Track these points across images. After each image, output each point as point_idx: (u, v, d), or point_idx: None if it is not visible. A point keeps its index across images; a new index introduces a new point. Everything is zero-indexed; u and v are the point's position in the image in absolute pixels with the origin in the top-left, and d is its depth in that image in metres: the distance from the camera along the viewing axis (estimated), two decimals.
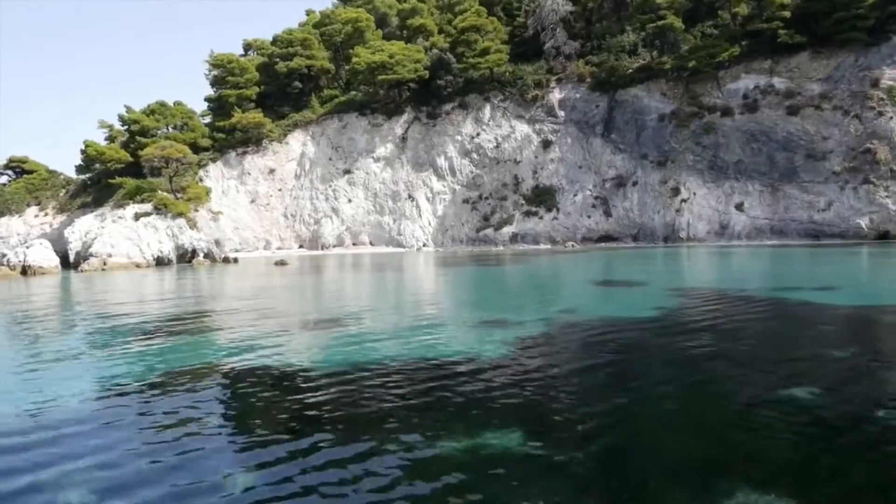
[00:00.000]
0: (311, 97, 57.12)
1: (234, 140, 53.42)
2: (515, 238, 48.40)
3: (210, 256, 41.58)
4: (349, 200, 52.38)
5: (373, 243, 51.53)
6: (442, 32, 55.72)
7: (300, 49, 55.77)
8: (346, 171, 53.05)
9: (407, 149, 52.73)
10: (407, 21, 57.07)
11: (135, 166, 51.08)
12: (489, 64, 50.30)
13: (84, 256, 40.09)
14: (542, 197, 48.84)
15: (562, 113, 50.31)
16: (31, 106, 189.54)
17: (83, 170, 55.41)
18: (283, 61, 55.79)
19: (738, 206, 43.50)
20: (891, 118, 40.17)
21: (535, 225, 48.40)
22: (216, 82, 56.94)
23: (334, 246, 51.41)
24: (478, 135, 51.60)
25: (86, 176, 58.25)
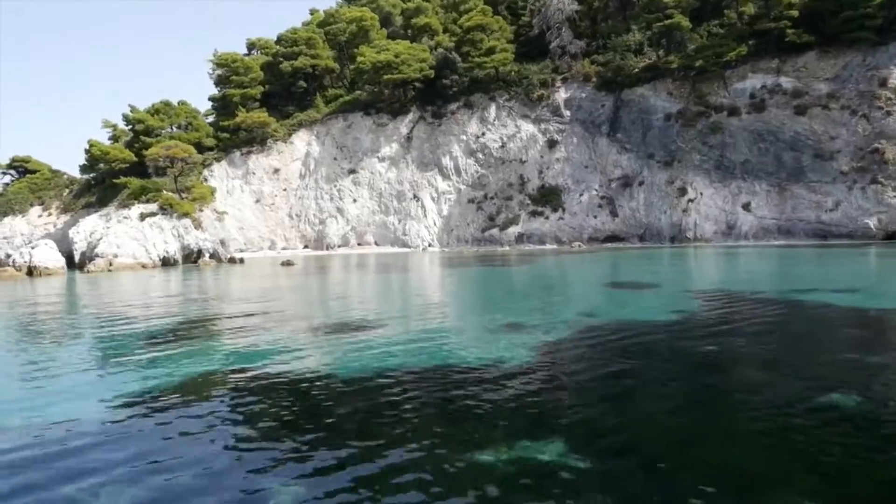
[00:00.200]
0: (315, 97, 56.99)
1: (238, 140, 53.30)
2: (521, 238, 48.24)
3: (216, 257, 41.47)
4: (354, 200, 52.25)
5: (378, 243, 51.39)
6: (447, 32, 55.55)
7: (305, 48, 55.63)
8: (351, 171, 52.91)
9: (412, 148, 52.58)
10: (412, 20, 56.90)
11: (139, 166, 50.99)
12: (494, 63, 50.12)
13: (89, 257, 39.98)
14: (548, 197, 48.67)
15: (567, 112, 50.12)
16: (33, 106, 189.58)
17: (87, 169, 55.31)
18: (287, 60, 55.65)
19: (746, 206, 43.30)
20: None
21: (541, 225, 48.23)
22: (220, 82, 56.81)
23: (339, 246, 51.28)
24: (483, 134, 51.43)
25: (89, 176, 58.14)
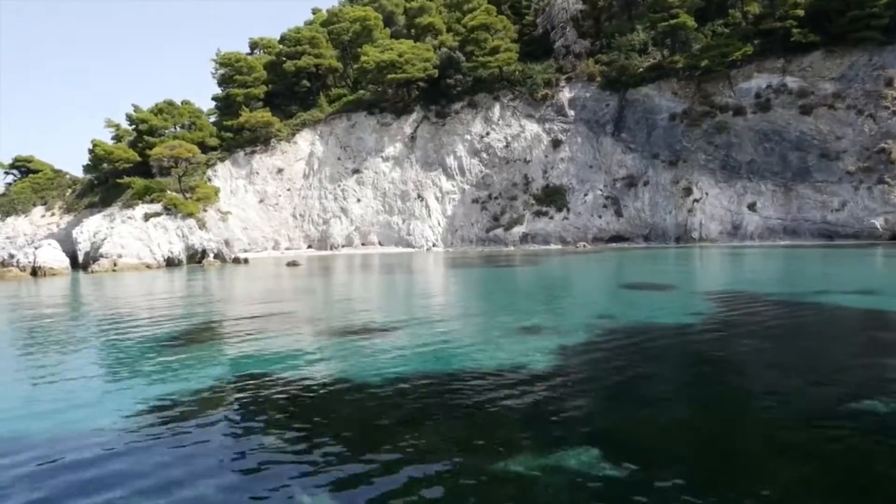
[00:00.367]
0: (318, 96, 56.87)
1: (242, 139, 53.18)
2: (526, 238, 48.15)
3: (220, 257, 41.36)
4: (358, 200, 52.14)
5: (382, 243, 51.28)
6: (450, 31, 55.42)
7: (308, 48, 55.51)
8: (355, 171, 52.81)
9: (416, 148, 52.47)
10: (415, 19, 56.78)
11: (143, 166, 50.88)
12: (499, 63, 50.02)
13: (93, 257, 39.86)
14: (553, 197, 48.58)
15: (572, 112, 50.03)
16: (33, 105, 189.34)
17: (91, 169, 55.19)
18: (290, 60, 55.53)
19: (751, 206, 43.23)
20: None
21: (546, 225, 48.14)
22: (224, 81, 56.68)
23: (343, 246, 51.17)
24: (487, 134, 51.33)
25: (92, 175, 58.01)
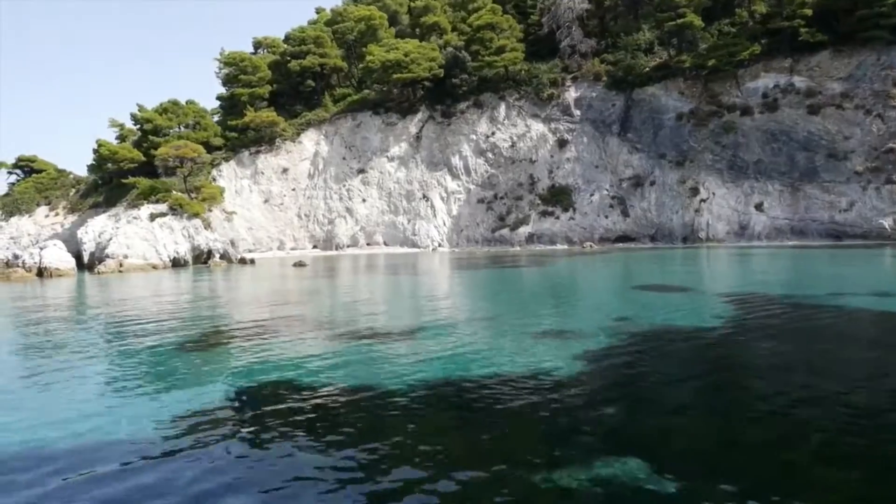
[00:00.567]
0: (323, 96, 56.72)
1: (246, 139, 53.06)
2: (532, 238, 48.01)
3: (226, 257, 41.23)
4: (363, 200, 52.01)
5: (387, 243, 51.16)
6: (455, 30, 55.28)
7: (313, 47, 55.34)
8: (360, 171, 52.67)
9: (421, 148, 52.34)
10: (420, 19, 56.58)
11: (147, 166, 50.76)
12: (505, 62, 49.87)
13: (99, 258, 39.72)
14: (559, 197, 48.44)
15: (577, 112, 49.87)
16: (34, 105, 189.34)
17: (95, 169, 55.05)
18: (295, 59, 55.37)
19: (758, 207, 43.07)
20: None
21: (552, 225, 48.00)
22: (228, 81, 56.54)
23: (348, 246, 51.06)
24: (493, 134, 51.19)
25: (96, 175, 57.86)
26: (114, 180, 53.69)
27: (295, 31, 59.13)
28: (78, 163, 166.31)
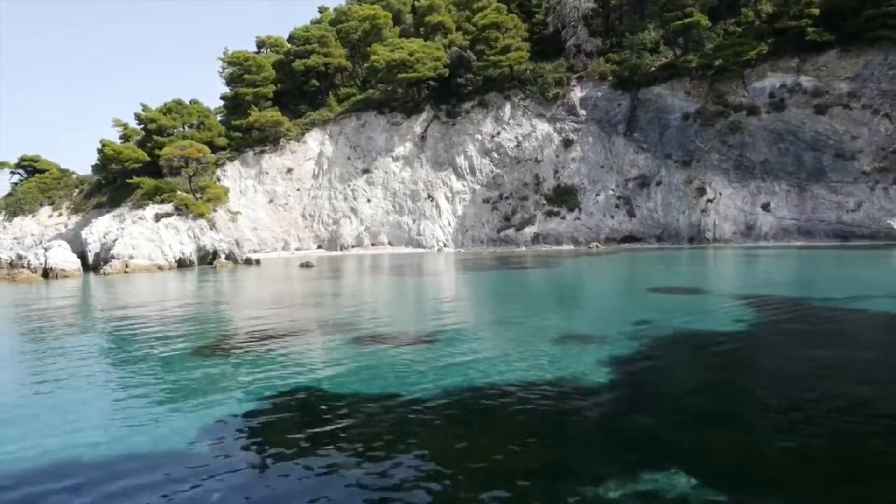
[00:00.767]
0: (327, 95, 56.54)
1: (251, 139, 52.91)
2: (537, 238, 47.84)
3: (231, 258, 41.08)
4: (368, 200, 51.86)
5: (392, 244, 51.01)
6: (460, 30, 55.08)
7: (317, 46, 55.15)
8: (365, 171, 52.52)
9: (426, 148, 52.18)
10: (424, 18, 56.40)
11: (151, 166, 50.62)
12: (510, 62, 49.69)
13: (104, 258, 39.59)
14: (564, 197, 48.27)
15: (583, 111, 49.68)
16: (35, 105, 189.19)
17: (100, 169, 54.89)
18: (299, 59, 55.18)
19: (765, 207, 42.91)
20: None
21: (558, 225, 47.84)
22: (232, 80, 56.34)
23: (353, 246, 50.89)
24: (498, 134, 51.02)
25: (99, 175, 57.71)
26: (117, 180, 53.54)
27: (299, 30, 58.98)
28: (79, 163, 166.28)
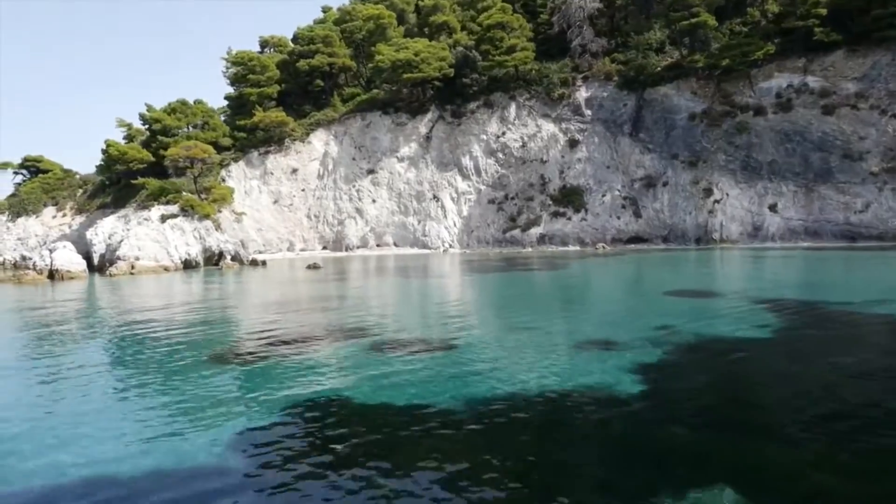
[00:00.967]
0: (332, 96, 56.41)
1: (255, 139, 52.79)
2: (543, 239, 47.73)
3: (237, 259, 40.93)
4: (373, 201, 51.74)
5: (397, 244, 50.89)
6: (465, 29, 54.96)
7: (322, 46, 55.02)
8: (370, 171, 52.40)
9: (431, 148, 52.06)
10: (429, 18, 56.25)
11: (156, 166, 50.48)
12: (515, 62, 49.58)
13: (110, 259, 39.44)
14: (570, 197, 48.17)
15: (588, 112, 49.59)
16: (35, 105, 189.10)
17: (104, 170, 54.75)
18: (304, 59, 55.05)
19: (772, 208, 42.81)
20: None
21: (563, 226, 47.73)
22: (236, 80, 56.20)
23: (358, 247, 50.78)
24: (503, 134, 50.90)
25: (103, 176, 57.59)
26: (121, 181, 53.42)
27: (303, 30, 58.85)
28: (79, 163, 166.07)
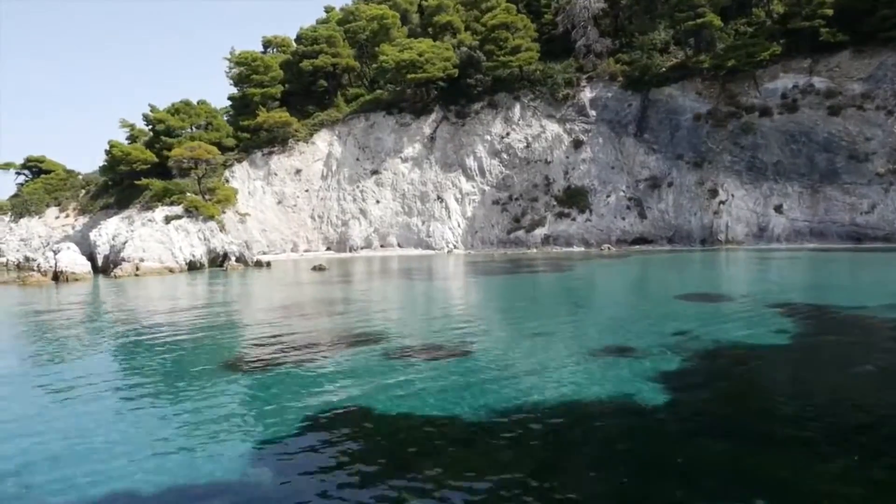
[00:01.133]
0: (335, 96, 56.27)
1: (259, 140, 52.67)
2: (547, 240, 47.62)
3: (242, 260, 40.83)
4: (377, 201, 51.62)
5: (401, 245, 50.77)
6: (468, 30, 54.82)
7: (325, 47, 54.87)
8: (374, 172, 52.28)
9: (435, 149, 51.93)
10: (433, 18, 56.09)
11: (159, 167, 50.34)
12: (520, 62, 49.45)
13: (114, 261, 39.31)
14: (575, 198, 48.05)
15: (593, 112, 49.46)
16: (37, 105, 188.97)
17: (107, 170, 54.60)
18: (307, 59, 54.90)
19: (777, 209, 42.71)
20: None
21: (568, 227, 47.62)
22: (240, 80, 56.02)
23: (362, 248, 50.66)
24: (507, 134, 50.78)
25: (106, 176, 57.43)
26: (124, 181, 53.25)
27: (307, 30, 58.71)
28: (83, 164, 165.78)
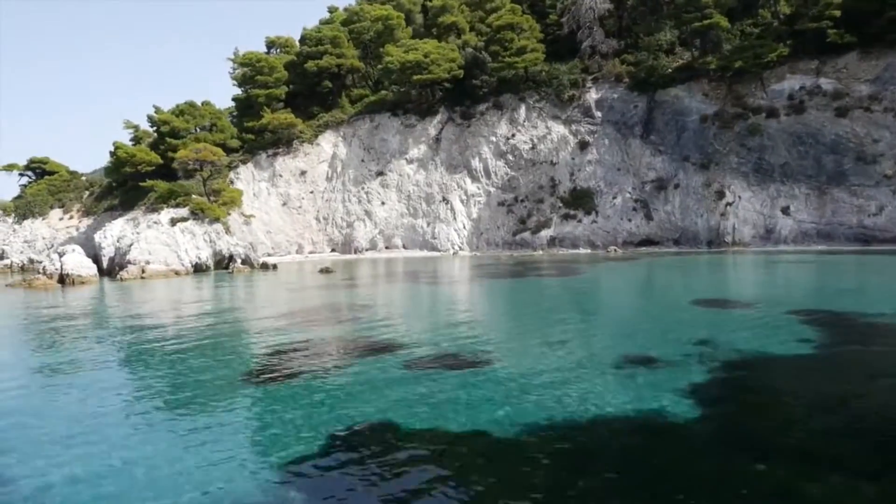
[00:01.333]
0: (340, 97, 56.11)
1: (264, 141, 52.53)
2: (553, 242, 47.48)
3: (248, 262, 40.69)
4: (382, 203, 51.49)
5: (406, 247, 50.64)
6: (473, 30, 54.68)
7: (330, 47, 54.69)
8: (379, 173, 52.14)
9: (440, 150, 51.79)
10: (438, 18, 55.95)
11: (164, 168, 50.20)
12: (525, 63, 49.29)
13: (119, 263, 39.17)
14: (580, 199, 47.91)
15: (599, 113, 49.32)
16: (36, 106, 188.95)
17: (112, 172, 54.47)
18: (312, 60, 54.73)
19: (784, 210, 42.56)
20: None
21: (574, 228, 47.48)
22: (244, 81, 55.87)
23: (367, 249, 50.53)
24: (513, 136, 50.64)
25: (111, 178, 57.31)
26: (129, 183, 53.11)
27: (311, 31, 58.56)
28: (86, 165, 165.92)
